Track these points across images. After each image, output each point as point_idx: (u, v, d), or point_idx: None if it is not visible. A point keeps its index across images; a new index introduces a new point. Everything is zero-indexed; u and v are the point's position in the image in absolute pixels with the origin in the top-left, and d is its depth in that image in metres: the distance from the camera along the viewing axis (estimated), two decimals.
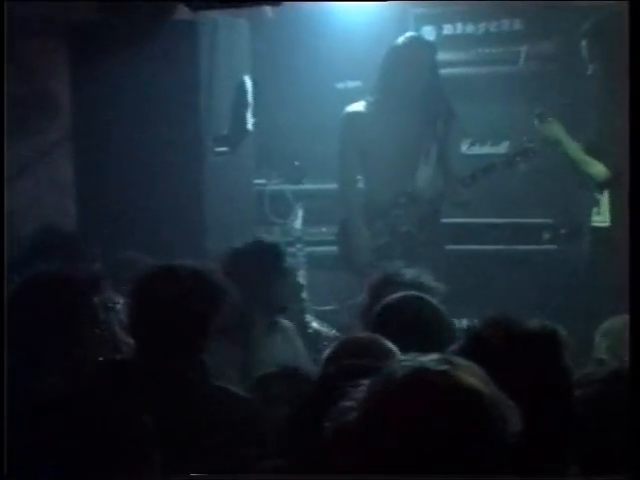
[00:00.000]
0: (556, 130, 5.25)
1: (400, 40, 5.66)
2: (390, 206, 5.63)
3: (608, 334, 3.83)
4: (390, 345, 3.11)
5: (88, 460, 2.20)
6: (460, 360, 1.79)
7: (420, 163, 5.64)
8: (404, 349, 1.85)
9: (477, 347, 2.27)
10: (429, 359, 1.77)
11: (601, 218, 5.22)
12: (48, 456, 2.22)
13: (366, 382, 1.76)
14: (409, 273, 3.96)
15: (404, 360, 1.79)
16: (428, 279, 3.90)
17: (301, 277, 5.59)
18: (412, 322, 3.21)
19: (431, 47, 5.72)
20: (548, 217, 6.00)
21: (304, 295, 5.46)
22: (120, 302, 3.49)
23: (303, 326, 5.45)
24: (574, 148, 5.20)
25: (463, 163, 5.84)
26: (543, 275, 5.84)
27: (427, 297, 3.40)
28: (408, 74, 5.55)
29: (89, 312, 3.43)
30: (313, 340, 5.45)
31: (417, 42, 5.69)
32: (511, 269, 5.88)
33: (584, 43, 5.22)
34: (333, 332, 5.52)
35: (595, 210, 5.27)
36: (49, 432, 2.22)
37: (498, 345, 2.26)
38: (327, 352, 3.14)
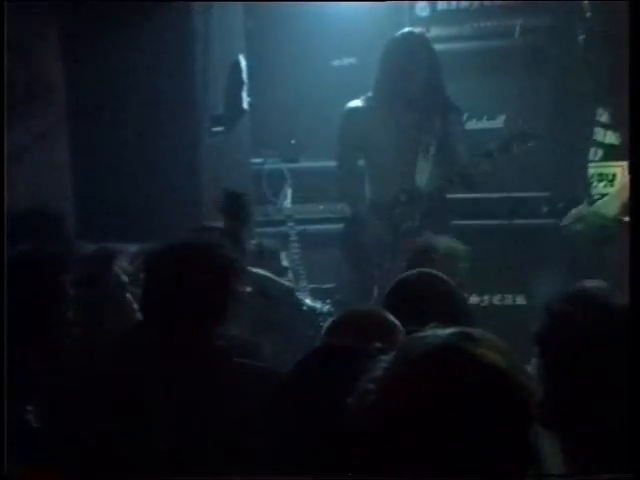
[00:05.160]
0: None
1: (397, 36, 5.63)
2: (391, 205, 5.61)
3: None
4: (392, 318, 3.11)
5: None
6: (479, 332, 1.74)
7: (419, 159, 5.63)
8: (416, 324, 1.82)
9: (566, 325, 2.28)
10: (447, 333, 1.72)
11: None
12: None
13: (385, 358, 1.73)
14: (442, 241, 4.14)
15: (421, 337, 1.75)
16: (459, 245, 4.27)
17: (285, 260, 5.62)
18: (425, 297, 3.21)
19: (427, 42, 5.68)
20: (546, 191, 5.99)
21: (289, 276, 5.47)
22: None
23: (296, 305, 5.46)
24: None
25: None
26: (541, 249, 5.83)
27: (439, 274, 3.41)
28: (405, 71, 5.54)
29: (59, 292, 3.41)
30: (308, 317, 5.46)
31: (413, 39, 5.64)
32: (509, 243, 5.88)
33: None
34: (327, 307, 5.53)
35: (603, 184, 5.22)
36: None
37: (588, 321, 2.27)
38: (328, 324, 3.14)
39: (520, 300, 5.89)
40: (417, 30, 5.78)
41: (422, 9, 6.20)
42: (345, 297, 5.75)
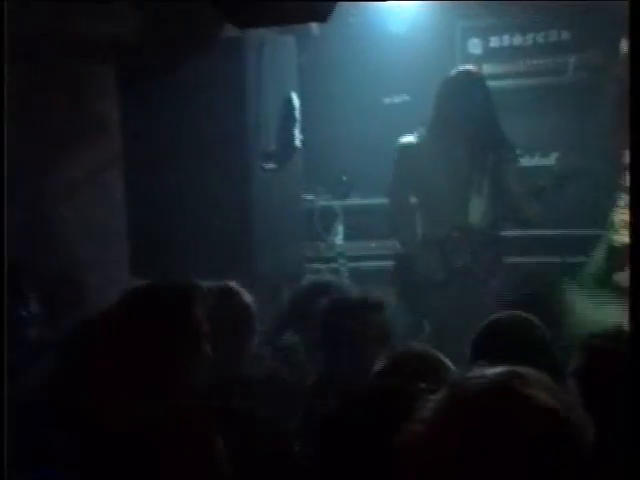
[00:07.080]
0: None
1: (453, 75, 5.63)
2: (443, 242, 5.58)
3: None
4: (442, 357, 3.08)
5: None
6: (530, 371, 1.72)
7: (472, 196, 5.60)
8: None
9: (599, 363, 2.26)
10: (496, 373, 1.71)
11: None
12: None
13: (434, 398, 1.71)
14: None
15: (470, 377, 1.73)
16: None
17: None
18: (520, 342, 3.17)
19: (483, 81, 5.64)
20: (599, 228, 5.94)
21: None
22: None
23: None
24: None
25: None
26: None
27: (533, 318, 3.36)
28: (461, 109, 5.49)
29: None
30: None
31: (470, 77, 5.62)
32: (565, 282, 5.83)
33: None
34: None
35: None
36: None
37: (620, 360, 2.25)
38: (379, 366, 3.11)
39: None
40: (473, 68, 5.76)
41: (474, 46, 6.20)
42: (395, 334, 5.72)
